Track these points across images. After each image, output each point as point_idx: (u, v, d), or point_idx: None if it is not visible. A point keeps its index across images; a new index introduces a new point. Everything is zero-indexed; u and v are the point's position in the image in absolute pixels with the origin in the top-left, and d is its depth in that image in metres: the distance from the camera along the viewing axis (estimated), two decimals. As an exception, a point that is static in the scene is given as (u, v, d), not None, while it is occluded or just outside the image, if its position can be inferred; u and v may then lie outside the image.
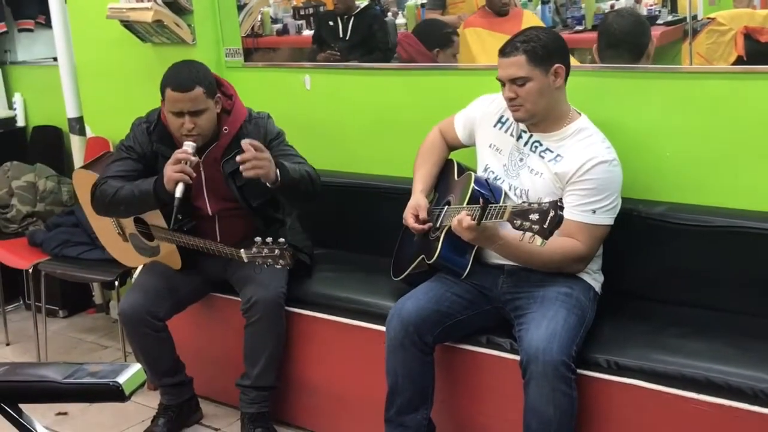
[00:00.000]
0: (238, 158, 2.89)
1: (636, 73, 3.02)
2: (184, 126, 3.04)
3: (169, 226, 3.05)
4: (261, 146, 2.93)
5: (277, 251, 2.91)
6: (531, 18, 4.18)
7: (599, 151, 2.70)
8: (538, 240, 2.35)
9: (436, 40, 3.98)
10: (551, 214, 2.32)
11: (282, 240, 2.93)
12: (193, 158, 2.99)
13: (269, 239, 2.93)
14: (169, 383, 3.28)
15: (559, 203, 2.33)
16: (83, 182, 3.48)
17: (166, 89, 3.07)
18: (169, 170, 2.97)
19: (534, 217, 2.34)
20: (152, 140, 3.18)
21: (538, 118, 2.75)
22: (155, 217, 3.21)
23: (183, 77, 3.07)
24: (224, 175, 3.15)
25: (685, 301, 2.84)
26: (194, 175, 2.99)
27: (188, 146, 3.02)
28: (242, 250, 2.98)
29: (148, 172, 3.16)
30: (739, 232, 2.73)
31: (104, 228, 3.56)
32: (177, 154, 3.00)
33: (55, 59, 4.45)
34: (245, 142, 2.91)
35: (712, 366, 2.43)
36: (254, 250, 2.94)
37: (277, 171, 2.95)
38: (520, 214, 2.38)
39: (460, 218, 2.56)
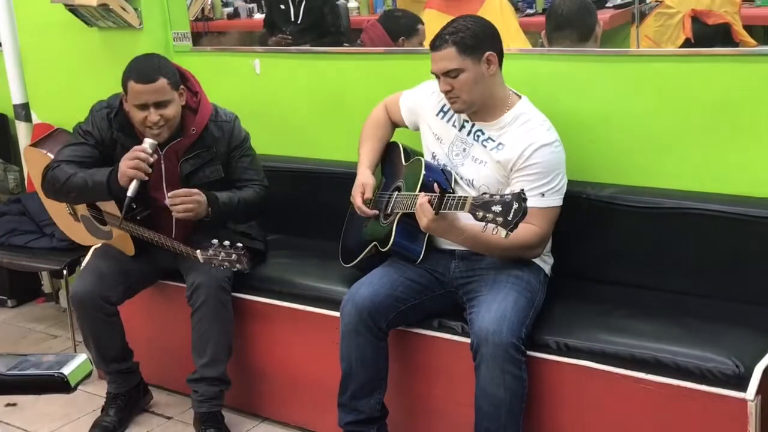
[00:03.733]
0: (167, 201, 2.98)
1: (585, 56, 3.04)
2: (149, 119, 2.97)
3: (120, 216, 3.01)
4: (189, 191, 2.99)
5: (234, 256, 2.90)
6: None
7: (539, 134, 2.70)
8: (502, 232, 2.35)
9: (400, 29, 3.95)
10: (515, 206, 2.31)
11: (240, 245, 2.91)
12: (151, 158, 2.96)
13: (227, 243, 2.91)
14: (117, 369, 3.23)
15: (522, 195, 2.33)
16: (34, 160, 3.41)
17: (129, 82, 2.99)
18: (124, 165, 2.94)
19: (496, 208, 2.34)
20: (113, 128, 3.12)
21: (476, 106, 2.75)
22: (109, 205, 3.17)
23: (146, 69, 3.00)
24: (180, 173, 3.13)
25: (633, 282, 2.87)
26: (150, 173, 2.96)
27: (148, 144, 2.97)
28: (198, 251, 2.95)
29: (104, 159, 3.12)
30: (686, 214, 2.76)
31: (57, 207, 3.51)
32: (135, 151, 2.95)
33: (-1, 44, 4.37)
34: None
35: (660, 346, 2.46)
36: (211, 252, 2.92)
37: (209, 209, 3.02)
38: (482, 205, 2.37)
39: (422, 203, 2.55)
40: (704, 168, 2.82)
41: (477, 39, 2.68)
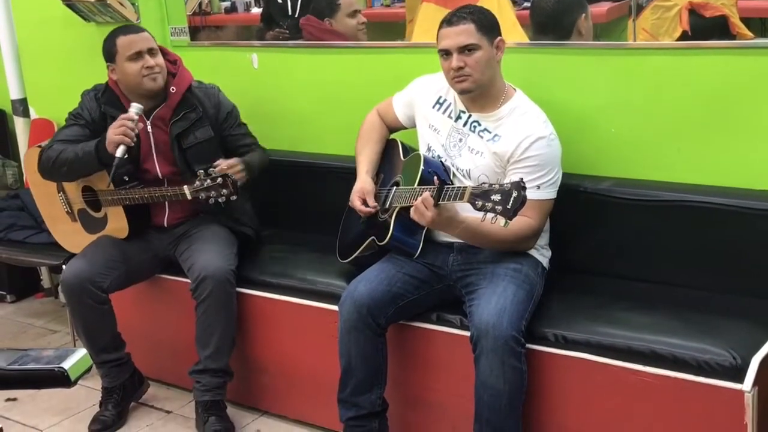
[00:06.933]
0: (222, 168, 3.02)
1: (582, 49, 3.04)
2: (146, 64, 3.12)
3: (110, 179, 3.07)
4: (232, 163, 3.09)
5: (219, 179, 2.95)
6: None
7: (535, 127, 2.72)
8: (501, 221, 2.36)
9: (322, 11, 3.90)
10: (514, 194, 2.33)
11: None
12: (135, 125, 3.04)
13: (211, 169, 2.97)
14: (107, 359, 3.22)
15: (521, 183, 2.34)
16: (35, 163, 3.40)
17: (117, 39, 3.16)
18: (111, 132, 3.04)
19: (496, 197, 2.35)
20: (100, 104, 3.23)
21: (482, 89, 2.75)
22: (102, 182, 3.21)
23: (130, 26, 3.25)
24: (170, 136, 3.17)
25: (630, 275, 2.88)
26: (134, 139, 3.04)
27: (134, 109, 3.08)
28: (185, 185, 3.02)
29: (95, 138, 3.18)
30: (683, 206, 2.77)
31: (52, 211, 3.51)
32: (121, 118, 3.06)
33: (-3, 40, 4.35)
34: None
35: (657, 338, 2.47)
36: (197, 183, 2.98)
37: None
38: (482, 194, 2.38)
39: (425, 199, 2.53)
40: (701, 160, 2.83)
41: (491, 22, 2.74)
